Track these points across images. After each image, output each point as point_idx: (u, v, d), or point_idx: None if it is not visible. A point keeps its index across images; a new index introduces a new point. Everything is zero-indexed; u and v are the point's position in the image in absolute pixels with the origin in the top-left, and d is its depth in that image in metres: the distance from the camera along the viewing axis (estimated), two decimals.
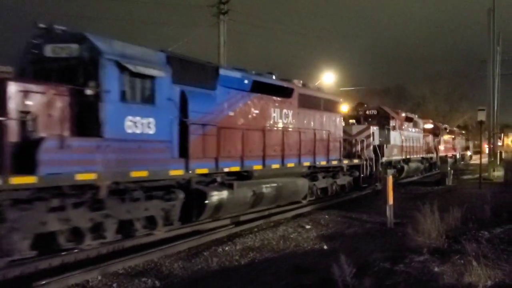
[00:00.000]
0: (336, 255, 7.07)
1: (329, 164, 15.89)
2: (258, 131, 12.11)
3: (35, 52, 8.47)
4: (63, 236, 7.81)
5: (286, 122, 13.53)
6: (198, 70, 10.63)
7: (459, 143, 44.74)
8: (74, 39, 8.34)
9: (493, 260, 7.19)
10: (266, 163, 12.26)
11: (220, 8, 22.68)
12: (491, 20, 28.83)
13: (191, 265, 8.08)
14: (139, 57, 8.87)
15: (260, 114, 12.43)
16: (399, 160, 23.95)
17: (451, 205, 11.49)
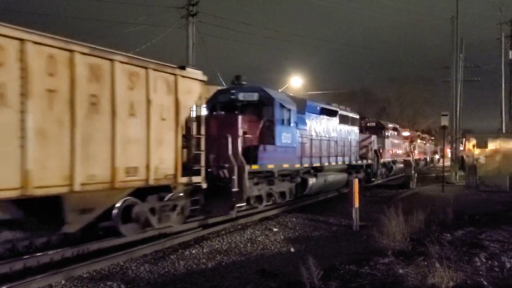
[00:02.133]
0: (303, 258, 7.12)
1: (356, 163, 22.00)
2: (325, 140, 18.21)
3: (229, 96, 14.39)
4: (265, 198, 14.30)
5: (334, 134, 19.36)
6: (300, 102, 16.64)
7: (429, 148, 52.95)
8: (256, 90, 14.57)
9: (455, 262, 7.36)
10: (330, 161, 18.47)
11: (189, 10, 22.55)
12: (455, 28, 29.68)
13: (158, 269, 7.98)
14: (285, 98, 15.56)
15: (324, 129, 18.49)
16: (390, 161, 30.62)
17: (415, 208, 11.75)
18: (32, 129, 7.13)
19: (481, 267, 7.46)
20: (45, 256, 8.03)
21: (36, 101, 7.20)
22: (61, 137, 7.64)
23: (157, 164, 9.51)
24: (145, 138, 9.25)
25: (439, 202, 15.90)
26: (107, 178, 8.43)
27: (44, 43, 7.37)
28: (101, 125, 8.30)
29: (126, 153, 8.77)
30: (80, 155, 7.85)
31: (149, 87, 9.30)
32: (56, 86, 7.53)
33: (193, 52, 22.33)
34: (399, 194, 20.99)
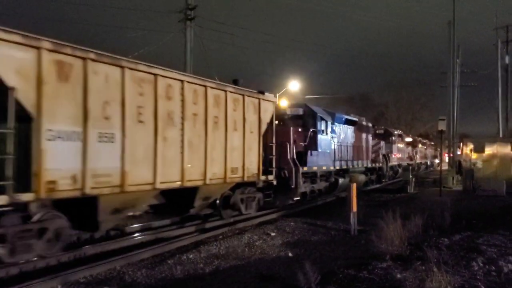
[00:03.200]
0: (301, 262, 7.11)
1: (371, 166, 25.25)
2: (349, 146, 21.38)
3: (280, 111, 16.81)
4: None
5: (354, 140, 22.22)
6: (330, 114, 19.69)
7: (430, 152, 55.53)
8: (301, 105, 18.35)
9: (453, 266, 7.37)
10: (353, 164, 21.69)
11: (187, 14, 22.58)
12: (451, 33, 29.80)
13: (155, 273, 7.95)
14: (322, 112, 18.85)
15: (348, 136, 21.49)
16: (396, 164, 33.62)
17: (413, 212, 11.76)
18: (186, 141, 10.52)
19: (479, 272, 7.46)
20: (41, 261, 7.99)
21: (188, 122, 10.61)
22: (199, 146, 11.03)
23: (248, 165, 12.86)
24: (242, 146, 12.61)
25: (436, 206, 15.85)
26: (222, 175, 11.86)
27: (193, 82, 10.91)
28: (219, 137, 11.74)
29: (231, 157, 12.12)
30: (209, 158, 11.25)
31: (244, 108, 12.73)
32: (197, 111, 10.96)
33: (191, 56, 22.34)
34: (397, 198, 21.00)
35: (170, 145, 10.11)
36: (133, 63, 9.31)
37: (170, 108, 10.09)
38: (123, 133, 8.88)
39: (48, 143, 7.58)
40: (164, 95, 9.92)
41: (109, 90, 8.66)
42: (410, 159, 38.98)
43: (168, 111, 10.01)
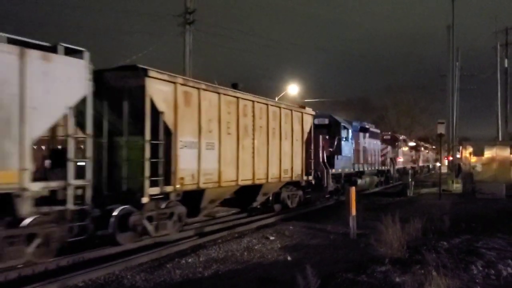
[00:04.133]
0: (300, 266, 7.10)
1: (380, 168, 28.31)
2: (364, 151, 24.32)
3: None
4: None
5: (367, 146, 25.12)
6: (349, 122, 22.77)
7: (431, 156, 57.91)
8: (326, 116, 20.94)
9: (452, 269, 7.35)
10: (367, 167, 24.96)
11: (186, 18, 22.62)
12: (450, 37, 29.87)
13: (154, 277, 7.94)
14: (344, 121, 21.73)
15: (362, 142, 24.26)
16: (402, 167, 35.53)
17: (412, 216, 11.74)
18: (256, 148, 13.53)
19: (478, 275, 7.45)
20: (40, 265, 7.99)
21: (256, 133, 13.61)
22: (263, 152, 13.96)
23: (295, 167, 15.77)
24: (290, 152, 15.51)
25: (436, 209, 15.87)
26: (278, 175, 14.77)
27: (259, 101, 13.98)
28: (276, 145, 14.65)
29: (284, 161, 15.02)
30: (270, 162, 14.22)
31: (292, 121, 15.69)
32: (262, 124, 13.94)
33: (190, 60, 22.37)
34: (396, 202, 20.99)
35: (246, 151, 13.12)
36: (224, 89, 12.50)
37: (245, 122, 13.14)
38: (219, 142, 11.98)
39: (180, 150, 10.64)
40: (242, 113, 12.97)
41: (211, 111, 11.74)
42: (413, 162, 42.15)
43: (244, 125, 13.07)
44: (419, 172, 45.56)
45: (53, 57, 8.15)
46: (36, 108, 7.74)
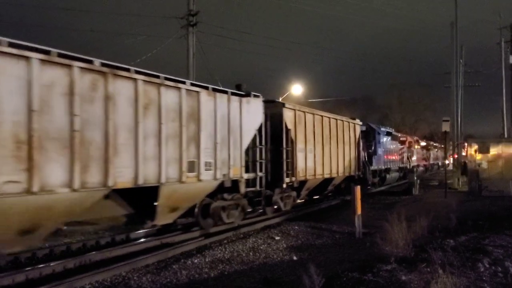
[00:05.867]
0: (305, 266, 7.09)
1: (400, 166, 32.94)
2: (389, 151, 29.32)
3: None
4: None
5: (391, 147, 30.14)
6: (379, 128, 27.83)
7: (441, 154, 60.82)
8: (365, 124, 23.90)
9: (459, 268, 7.33)
10: (392, 164, 29.90)
11: (189, 20, 22.64)
12: (454, 34, 29.75)
13: (160, 279, 7.97)
14: (376, 127, 27.52)
15: (387, 144, 29.06)
16: (416, 165, 39.71)
17: (418, 214, 11.71)
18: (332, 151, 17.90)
19: (485, 273, 7.43)
20: (47, 267, 8.04)
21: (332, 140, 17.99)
22: (334, 154, 18.02)
23: (352, 165, 20.22)
24: (349, 154, 19.72)
25: (441, 208, 15.84)
26: (342, 171, 18.90)
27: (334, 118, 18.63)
28: (340, 148, 18.72)
29: (345, 161, 19.19)
30: (338, 162, 18.43)
31: (349, 130, 20.03)
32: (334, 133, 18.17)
33: (193, 62, 22.39)
34: (402, 200, 20.95)
35: (326, 154, 17.25)
36: (316, 111, 17.23)
37: (326, 133, 17.44)
38: (314, 148, 16.39)
39: (297, 154, 15.08)
40: (325, 126, 17.38)
41: (310, 126, 16.13)
42: (425, 160, 47.95)
43: (326, 134, 17.39)
44: (430, 169, 51.50)
45: (250, 99, 12.72)
46: (245, 131, 12.43)
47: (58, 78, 7.54)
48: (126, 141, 8.70)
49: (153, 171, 9.26)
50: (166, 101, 9.68)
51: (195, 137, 10.58)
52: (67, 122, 7.61)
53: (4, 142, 6.72)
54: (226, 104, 11.70)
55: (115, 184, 8.44)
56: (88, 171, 7.94)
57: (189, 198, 10.83)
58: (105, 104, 8.27)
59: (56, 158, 7.44)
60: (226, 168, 11.59)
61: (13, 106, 6.88)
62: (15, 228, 7.22)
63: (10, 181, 6.81)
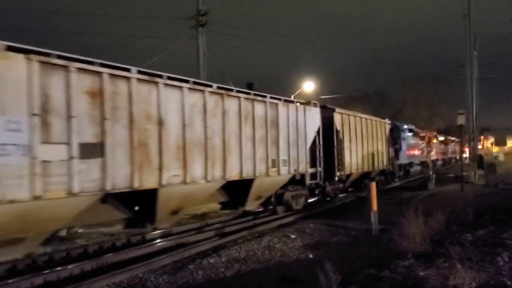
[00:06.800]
0: (322, 263, 7.05)
1: (421, 160, 34.33)
2: (411, 146, 30.88)
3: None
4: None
5: (412, 142, 31.39)
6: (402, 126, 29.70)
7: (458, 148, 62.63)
8: (391, 122, 25.68)
9: (477, 262, 7.23)
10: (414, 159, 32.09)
11: (198, 20, 22.67)
12: (467, 25, 29.39)
13: (176, 279, 7.99)
14: (401, 124, 29.66)
15: (409, 140, 30.51)
16: (435, 159, 42.64)
17: (435, 209, 11.57)
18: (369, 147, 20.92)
19: (504, 267, 7.31)
20: (64, 270, 8.11)
21: (368, 138, 20.60)
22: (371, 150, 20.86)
23: (384, 160, 22.91)
24: (381, 150, 22.47)
25: (458, 202, 15.66)
26: (377, 166, 21.57)
27: (369, 118, 21.39)
28: (376, 145, 21.67)
29: (378, 156, 22.04)
30: (374, 157, 21.31)
31: (381, 129, 22.71)
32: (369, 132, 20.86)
33: (204, 62, 22.43)
34: (418, 195, 20.74)
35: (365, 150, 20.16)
36: (357, 113, 19.78)
37: (365, 132, 20.29)
38: (356, 145, 19.05)
39: (345, 151, 17.78)
40: (365, 126, 20.40)
41: (352, 127, 18.79)
42: (443, 154, 50.26)
43: (365, 133, 20.27)
44: (448, 162, 54.41)
45: (311, 107, 15.61)
46: (308, 133, 15.11)
47: (197, 100, 10.41)
48: (234, 145, 11.54)
49: (250, 167, 12.15)
50: (257, 112, 12.47)
51: (275, 139, 13.36)
52: (203, 132, 10.51)
53: (170, 148, 9.55)
54: (294, 112, 14.40)
55: (230, 177, 11.36)
56: (214, 167, 10.84)
57: (270, 189, 13.79)
58: (223, 117, 11.16)
59: (197, 159, 10.32)
60: (296, 164, 14.41)
61: (175, 122, 9.71)
62: (170, 209, 10.11)
63: (175, 175, 9.67)
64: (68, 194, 7.53)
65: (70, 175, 7.54)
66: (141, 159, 8.90)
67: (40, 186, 7.09)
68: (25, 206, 6.97)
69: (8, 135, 6.72)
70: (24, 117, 6.95)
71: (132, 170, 8.67)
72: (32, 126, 7.02)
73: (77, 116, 7.69)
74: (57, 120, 7.43)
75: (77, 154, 7.66)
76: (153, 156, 9.18)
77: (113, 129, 8.34)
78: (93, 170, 7.95)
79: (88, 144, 7.88)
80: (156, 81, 9.30)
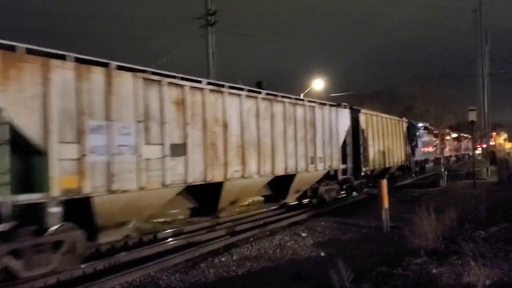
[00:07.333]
0: (333, 261, 7.04)
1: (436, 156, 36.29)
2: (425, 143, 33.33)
3: None
4: None
5: (426, 140, 33.91)
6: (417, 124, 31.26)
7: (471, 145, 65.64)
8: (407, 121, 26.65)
9: (491, 259, 7.17)
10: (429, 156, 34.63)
11: (207, 20, 22.71)
12: (478, 20, 29.12)
13: (188, 277, 8.01)
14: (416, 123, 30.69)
15: (424, 137, 32.33)
16: (449, 155, 46.26)
17: (447, 206, 11.50)
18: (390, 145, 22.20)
19: None
20: (78, 269, 8.15)
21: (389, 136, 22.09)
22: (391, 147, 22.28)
23: (402, 156, 24.07)
24: (400, 147, 23.41)
25: (471, 199, 15.54)
26: (396, 162, 23.00)
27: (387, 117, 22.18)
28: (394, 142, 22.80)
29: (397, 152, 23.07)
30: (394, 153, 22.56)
31: (399, 127, 23.93)
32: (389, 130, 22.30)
33: (213, 61, 22.46)
34: (429, 192, 20.62)
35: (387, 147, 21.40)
36: (379, 113, 21.04)
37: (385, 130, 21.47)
38: (378, 142, 20.29)
39: (369, 149, 19.07)
40: (386, 125, 21.55)
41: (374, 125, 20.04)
42: (456, 151, 53.34)
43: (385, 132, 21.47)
44: (461, 158, 56.95)
45: (342, 109, 16.85)
46: (340, 132, 16.47)
47: (251, 105, 11.89)
48: (280, 144, 12.94)
49: (293, 164, 13.50)
50: (298, 114, 13.83)
51: (313, 139, 14.71)
52: (256, 133, 11.95)
53: (232, 147, 11.06)
54: (328, 113, 15.75)
55: (277, 172, 12.77)
56: (265, 164, 12.27)
57: (308, 183, 15.21)
58: (271, 120, 12.60)
59: (252, 156, 11.77)
60: (330, 161, 15.77)
61: (235, 125, 11.20)
62: (229, 200, 11.59)
63: (236, 170, 11.15)
64: (162, 186, 9.14)
65: (164, 170, 9.13)
66: (212, 157, 10.47)
67: (144, 179, 8.69)
68: (132, 195, 8.56)
69: (122, 138, 8.33)
70: (132, 123, 8.55)
71: (205, 166, 10.26)
72: (138, 131, 8.63)
73: (168, 122, 9.31)
74: (154, 125, 9.04)
75: (168, 153, 9.27)
76: (220, 154, 10.75)
77: (192, 132, 9.97)
78: (179, 166, 9.55)
79: (176, 145, 9.49)
80: (222, 90, 10.90)
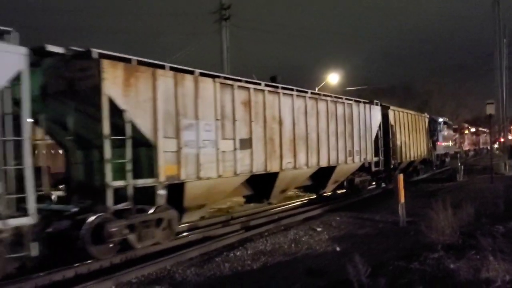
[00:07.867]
0: (349, 256, 7.00)
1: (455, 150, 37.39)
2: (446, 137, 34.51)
3: None
4: None
5: (446, 134, 34.23)
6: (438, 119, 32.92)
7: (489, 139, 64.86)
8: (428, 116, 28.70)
9: (510, 254, 7.05)
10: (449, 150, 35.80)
11: (222, 14, 22.70)
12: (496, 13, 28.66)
13: (204, 271, 8.04)
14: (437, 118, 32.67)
15: (444, 131, 33.35)
16: (467, 149, 47.89)
17: (464, 200, 11.35)
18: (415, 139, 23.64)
19: None
20: (94, 263, 8.24)
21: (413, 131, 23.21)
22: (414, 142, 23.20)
23: (424, 150, 25.15)
24: (423, 142, 24.89)
25: (488, 193, 15.32)
26: (420, 156, 24.43)
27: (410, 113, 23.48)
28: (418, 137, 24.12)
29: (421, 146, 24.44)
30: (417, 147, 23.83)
31: (422, 122, 25.25)
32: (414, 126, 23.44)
33: (228, 56, 22.46)
34: (446, 187, 20.41)
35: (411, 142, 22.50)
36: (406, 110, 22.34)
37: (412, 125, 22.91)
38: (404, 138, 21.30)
39: (397, 143, 20.27)
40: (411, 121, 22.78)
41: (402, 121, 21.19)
42: (474, 145, 55.74)
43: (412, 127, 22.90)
44: (480, 153, 58.90)
45: (374, 106, 18.17)
46: (373, 127, 17.89)
47: (301, 104, 13.38)
48: (324, 138, 14.33)
49: (334, 156, 14.90)
50: (338, 111, 15.21)
51: (351, 133, 16.04)
52: (304, 128, 13.41)
53: (286, 141, 12.58)
54: (363, 110, 17.14)
55: (322, 164, 14.24)
56: (312, 156, 13.69)
57: (345, 174, 16.53)
58: (316, 116, 14.02)
59: (302, 150, 13.25)
60: (365, 154, 17.10)
61: (288, 122, 12.75)
62: (281, 188, 13.11)
63: (289, 162, 12.64)
64: (234, 174, 10.85)
65: (235, 161, 10.80)
66: (270, 150, 12.02)
67: (221, 168, 10.39)
68: (212, 182, 10.26)
69: (206, 134, 10.05)
70: (212, 121, 10.23)
71: (266, 158, 11.85)
72: (216, 128, 10.30)
73: (238, 120, 10.96)
74: (228, 123, 10.72)
75: (238, 146, 10.94)
76: (276, 148, 12.29)
77: (256, 128, 11.56)
78: (246, 157, 11.17)
79: (244, 139, 11.12)
80: (278, 91, 12.44)
